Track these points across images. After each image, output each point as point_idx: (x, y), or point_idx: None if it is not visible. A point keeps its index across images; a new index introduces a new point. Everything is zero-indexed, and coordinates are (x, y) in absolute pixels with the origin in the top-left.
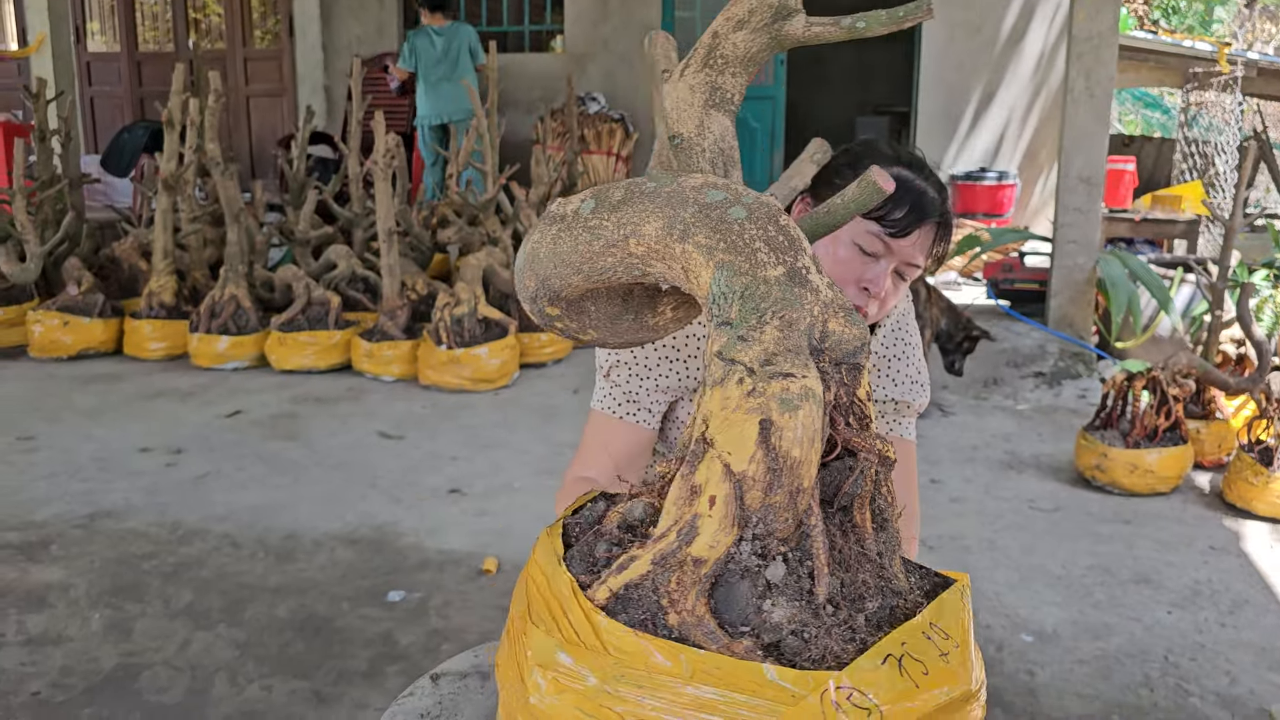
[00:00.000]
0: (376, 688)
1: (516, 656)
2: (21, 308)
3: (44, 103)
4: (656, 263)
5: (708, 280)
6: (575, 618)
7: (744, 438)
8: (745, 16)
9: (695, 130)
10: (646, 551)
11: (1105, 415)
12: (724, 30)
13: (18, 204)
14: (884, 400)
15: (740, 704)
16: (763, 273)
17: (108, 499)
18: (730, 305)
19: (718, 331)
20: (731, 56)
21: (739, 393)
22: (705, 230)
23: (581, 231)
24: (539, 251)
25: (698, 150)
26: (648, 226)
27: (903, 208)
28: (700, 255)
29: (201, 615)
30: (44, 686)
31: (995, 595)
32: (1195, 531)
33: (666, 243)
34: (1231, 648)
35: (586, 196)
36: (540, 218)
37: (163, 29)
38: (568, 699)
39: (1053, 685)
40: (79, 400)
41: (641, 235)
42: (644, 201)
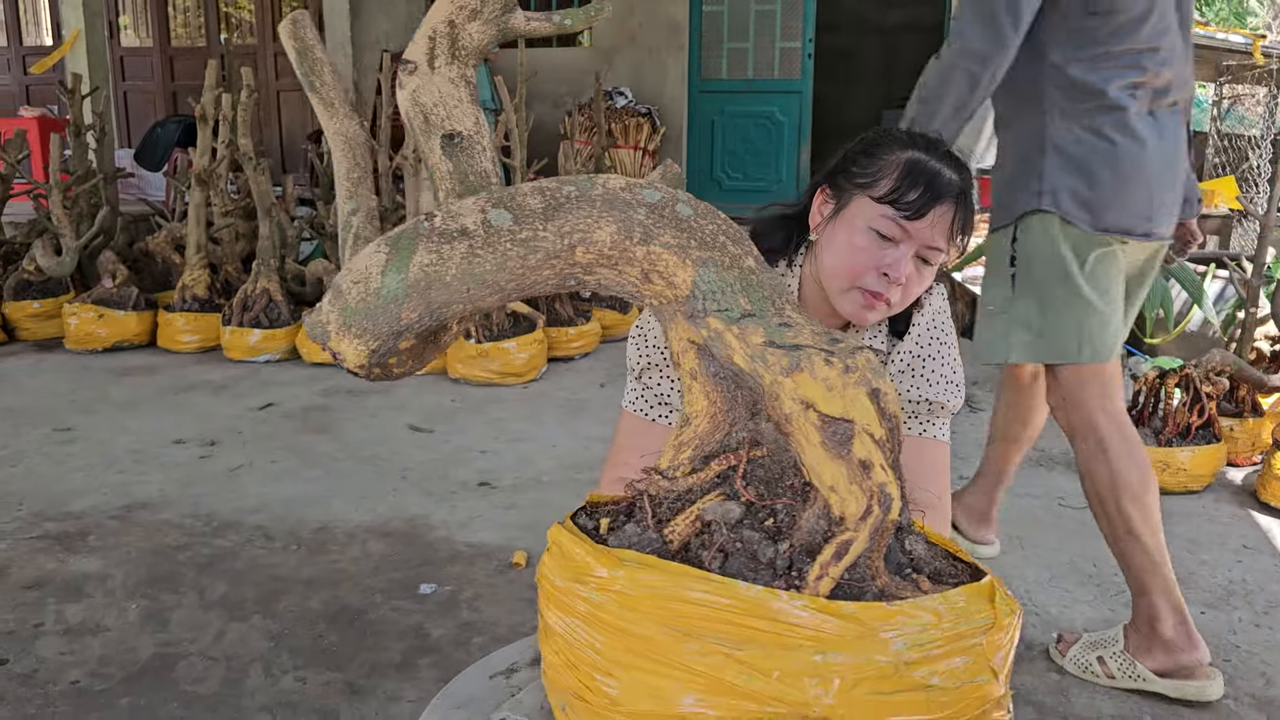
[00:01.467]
0: (409, 679)
1: None
2: (58, 300)
3: (79, 98)
4: (602, 269)
5: (687, 278)
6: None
7: (867, 409)
8: (479, 6)
9: (474, 126)
10: (860, 531)
11: (1137, 413)
12: (460, 20)
13: (54, 199)
14: (918, 400)
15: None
16: (743, 263)
17: (143, 490)
18: (735, 297)
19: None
20: (470, 48)
21: (834, 372)
22: (670, 230)
23: (510, 246)
24: (442, 275)
25: (479, 148)
26: (599, 233)
27: (916, 189)
28: (673, 255)
29: (236, 606)
30: (83, 675)
31: (1025, 593)
32: (1228, 530)
33: (625, 247)
34: (1267, 649)
35: (486, 207)
36: (408, 237)
37: (194, 24)
38: None
39: (1085, 684)
40: (114, 392)
41: (591, 242)
42: (583, 207)
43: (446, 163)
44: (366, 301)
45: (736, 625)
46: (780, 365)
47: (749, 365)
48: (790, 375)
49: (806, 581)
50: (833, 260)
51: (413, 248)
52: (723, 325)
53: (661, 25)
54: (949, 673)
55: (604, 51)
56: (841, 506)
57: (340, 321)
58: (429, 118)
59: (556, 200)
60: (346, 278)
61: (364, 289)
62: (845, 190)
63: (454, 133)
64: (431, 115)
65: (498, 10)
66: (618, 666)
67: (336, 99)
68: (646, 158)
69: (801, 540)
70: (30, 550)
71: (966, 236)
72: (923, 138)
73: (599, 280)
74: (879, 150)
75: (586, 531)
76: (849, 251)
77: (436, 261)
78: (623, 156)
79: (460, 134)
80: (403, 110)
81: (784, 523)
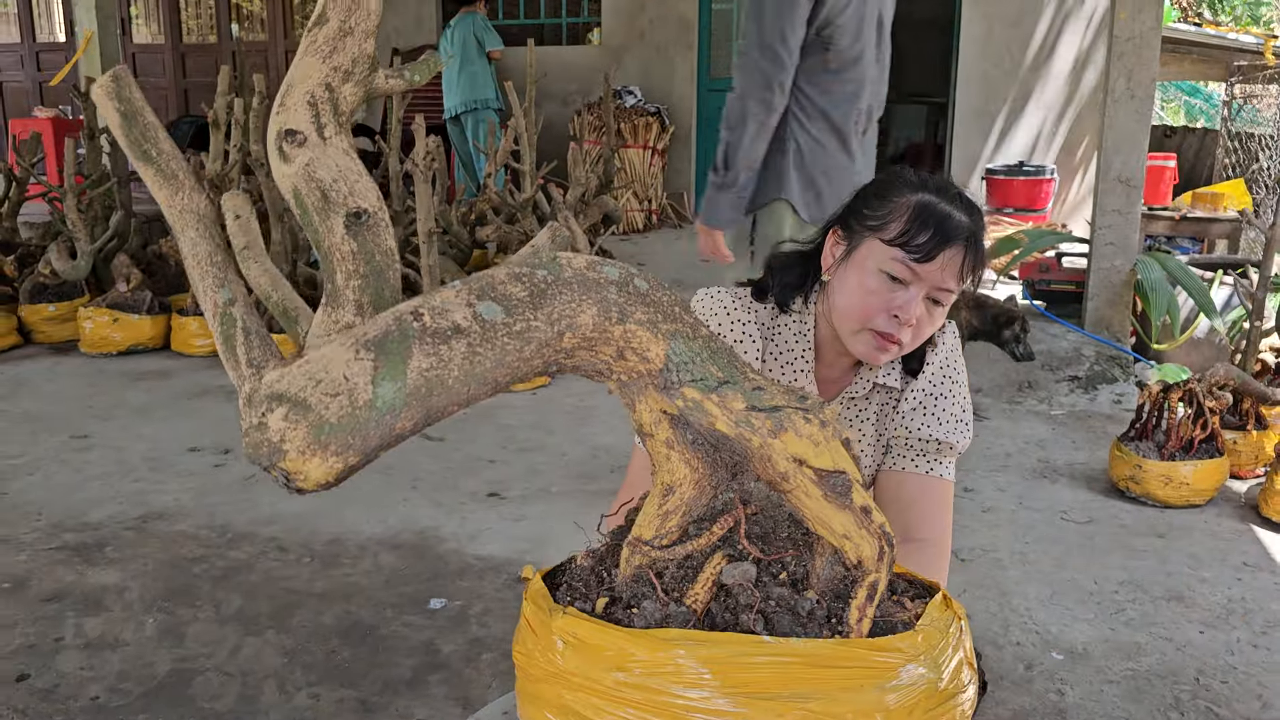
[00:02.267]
0: (420, 697)
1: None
2: (73, 303)
3: (93, 101)
4: (582, 351)
5: (660, 352)
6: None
7: (847, 458)
8: (350, 67)
9: (376, 201)
10: (881, 571)
11: (1140, 426)
12: (336, 83)
13: (69, 202)
14: (928, 439)
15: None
16: (700, 332)
17: (159, 500)
18: (706, 366)
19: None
20: (345, 114)
21: (815, 428)
22: (639, 306)
23: (506, 340)
24: (444, 379)
25: (382, 224)
26: (582, 316)
27: (925, 233)
28: (645, 331)
29: (251, 621)
30: (102, 691)
31: (1026, 611)
32: (1229, 546)
33: (605, 328)
34: (1264, 670)
35: (471, 300)
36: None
37: (205, 20)
38: None
39: (1083, 706)
40: (130, 397)
41: (577, 327)
42: (564, 291)
43: (350, 243)
44: (355, 415)
45: (803, 679)
46: (766, 428)
47: (734, 430)
48: (778, 436)
49: (849, 624)
50: (844, 301)
51: (406, 351)
52: (700, 394)
53: (671, 23)
54: (953, 677)
55: (613, 50)
56: (857, 552)
57: (309, 439)
58: (328, 194)
59: (538, 286)
60: (310, 389)
61: (348, 401)
62: (856, 232)
63: (360, 210)
64: (331, 192)
65: (365, 70)
66: None
67: (179, 170)
68: (656, 157)
69: (826, 588)
70: (50, 562)
71: (977, 277)
72: (934, 180)
73: (575, 363)
74: (890, 193)
75: (591, 615)
76: (860, 293)
77: (437, 365)
78: (632, 156)
79: (366, 211)
80: (289, 188)
81: (796, 574)
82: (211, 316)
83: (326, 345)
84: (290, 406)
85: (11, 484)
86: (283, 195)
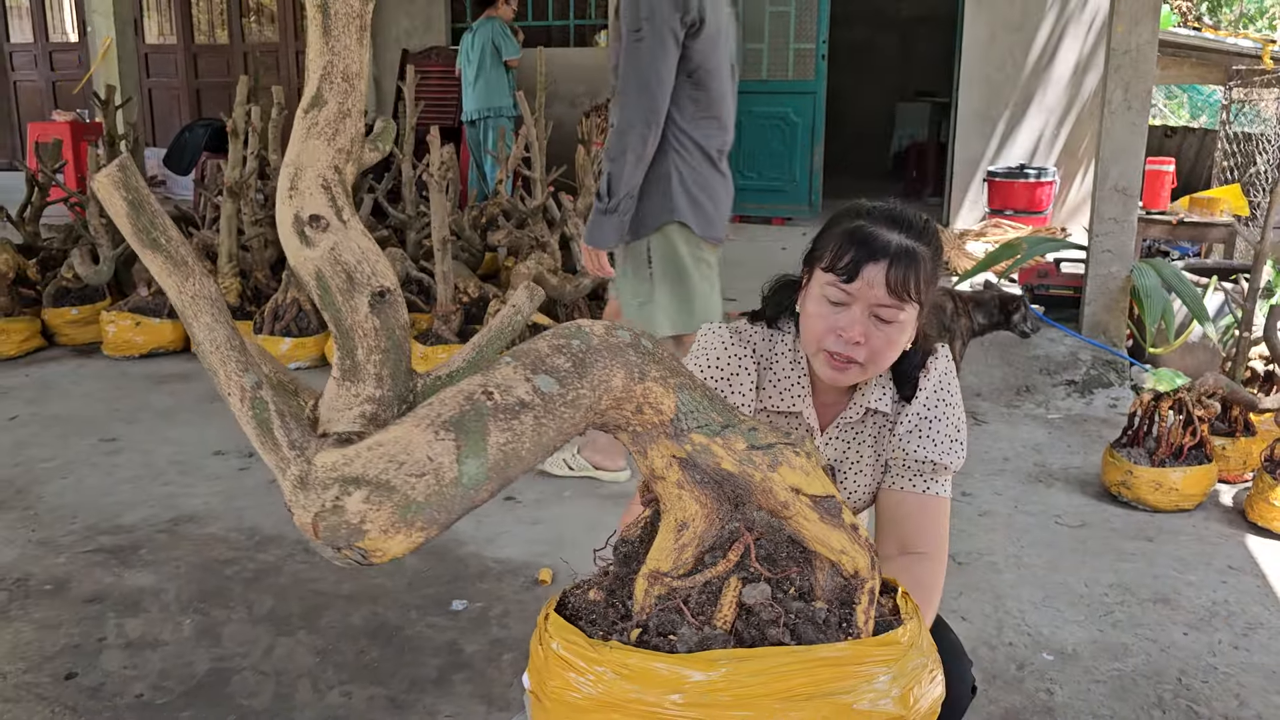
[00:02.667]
0: (446, 695)
1: None
2: (95, 306)
3: (113, 108)
4: (612, 410)
5: (672, 404)
6: None
7: (830, 484)
8: (350, 147)
9: (395, 280)
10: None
11: (1132, 433)
12: (341, 163)
13: (92, 209)
14: (922, 461)
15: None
16: (697, 381)
17: (188, 504)
18: (709, 413)
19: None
20: (350, 191)
21: (804, 460)
22: (653, 365)
23: (564, 409)
24: (518, 451)
25: (399, 300)
26: (615, 380)
27: (849, 253)
28: (660, 387)
29: (282, 621)
30: (146, 689)
31: (1020, 614)
32: (1215, 550)
33: (630, 388)
34: (1243, 670)
35: (529, 375)
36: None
37: (217, 21)
38: None
39: (1070, 705)
40: (154, 400)
41: (611, 389)
42: (599, 359)
43: (373, 320)
44: (442, 493)
45: (831, 679)
46: (765, 463)
47: (739, 468)
48: (775, 470)
49: (858, 626)
50: (804, 329)
51: (483, 429)
52: (706, 438)
53: None
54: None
55: None
56: (854, 564)
57: (394, 519)
58: (353, 276)
59: (577, 356)
60: (393, 471)
61: (435, 481)
62: (811, 266)
63: (383, 289)
64: (356, 273)
65: (359, 148)
66: None
67: (187, 256)
68: None
69: (831, 597)
70: (88, 564)
71: (915, 291)
72: (881, 208)
73: (604, 420)
74: (833, 225)
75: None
76: (811, 319)
77: (512, 439)
78: None
79: (389, 290)
80: (312, 270)
81: (802, 588)
82: (239, 401)
83: (396, 427)
84: (371, 489)
85: (46, 487)
86: (301, 276)
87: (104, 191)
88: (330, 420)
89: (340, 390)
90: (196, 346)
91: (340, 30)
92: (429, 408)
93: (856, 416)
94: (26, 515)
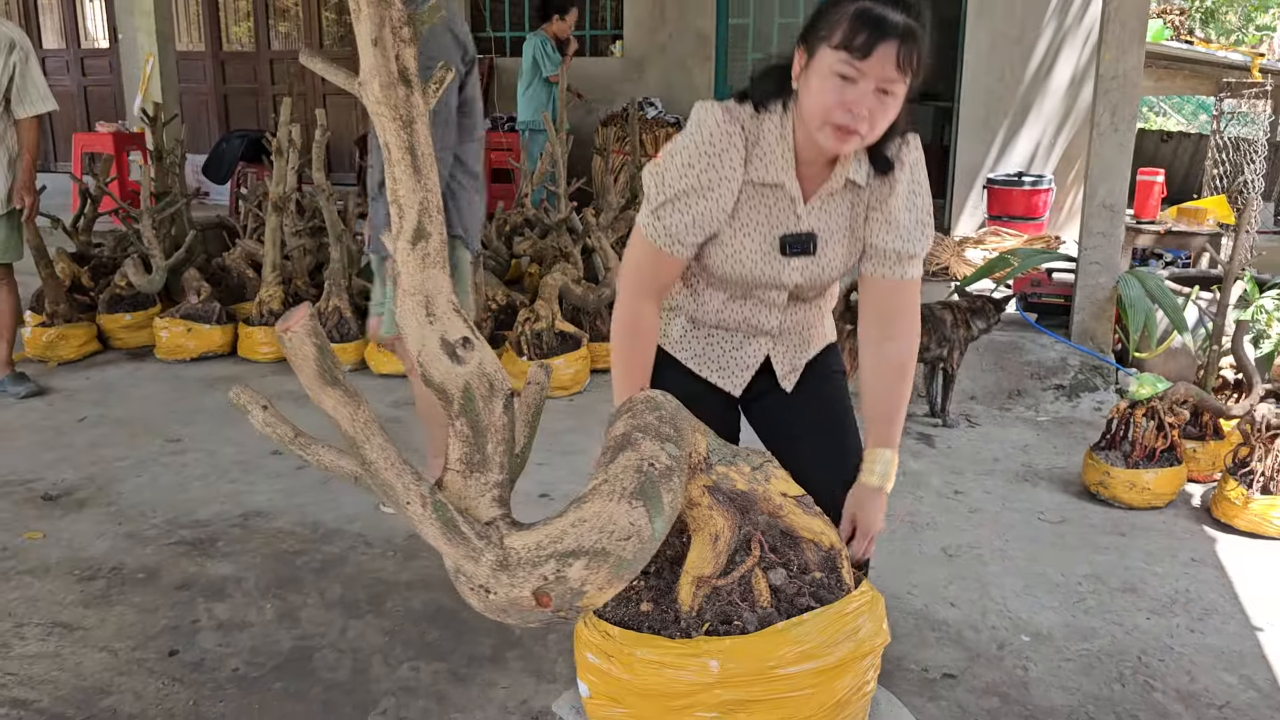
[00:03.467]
0: (501, 669)
1: None
2: (147, 313)
3: (160, 125)
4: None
5: (704, 446)
6: None
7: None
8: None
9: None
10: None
11: (1110, 437)
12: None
13: (145, 223)
14: (899, 251)
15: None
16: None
17: (254, 500)
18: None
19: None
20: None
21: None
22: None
23: (684, 467)
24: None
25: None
26: (692, 436)
27: (863, 33)
28: (700, 435)
29: (352, 606)
30: (240, 664)
31: (1002, 600)
32: (1181, 544)
33: (694, 440)
34: (1196, 651)
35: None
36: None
37: (244, 28)
38: None
39: (1043, 680)
40: (208, 403)
41: (696, 445)
42: (683, 424)
43: (504, 418)
44: (643, 548)
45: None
46: (762, 478)
47: (749, 487)
48: (769, 482)
49: (848, 584)
50: (808, 104)
51: (657, 493)
52: (725, 468)
53: (690, 37)
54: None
55: (635, 61)
56: (829, 539)
57: (610, 577)
58: (494, 384)
59: (674, 424)
60: (605, 540)
61: (638, 540)
62: (813, 45)
63: (512, 392)
64: (495, 381)
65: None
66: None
67: (356, 391)
68: None
69: (820, 566)
70: (174, 555)
71: (916, 65)
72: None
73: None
74: (837, 7)
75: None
76: (819, 95)
77: (673, 496)
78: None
79: (515, 393)
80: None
81: (801, 565)
82: (421, 508)
83: (589, 504)
84: (590, 557)
85: (124, 485)
86: (446, 391)
87: (296, 340)
88: (468, 508)
89: (470, 481)
90: (368, 466)
91: (428, 170)
92: (609, 485)
93: (838, 187)
94: (111, 511)
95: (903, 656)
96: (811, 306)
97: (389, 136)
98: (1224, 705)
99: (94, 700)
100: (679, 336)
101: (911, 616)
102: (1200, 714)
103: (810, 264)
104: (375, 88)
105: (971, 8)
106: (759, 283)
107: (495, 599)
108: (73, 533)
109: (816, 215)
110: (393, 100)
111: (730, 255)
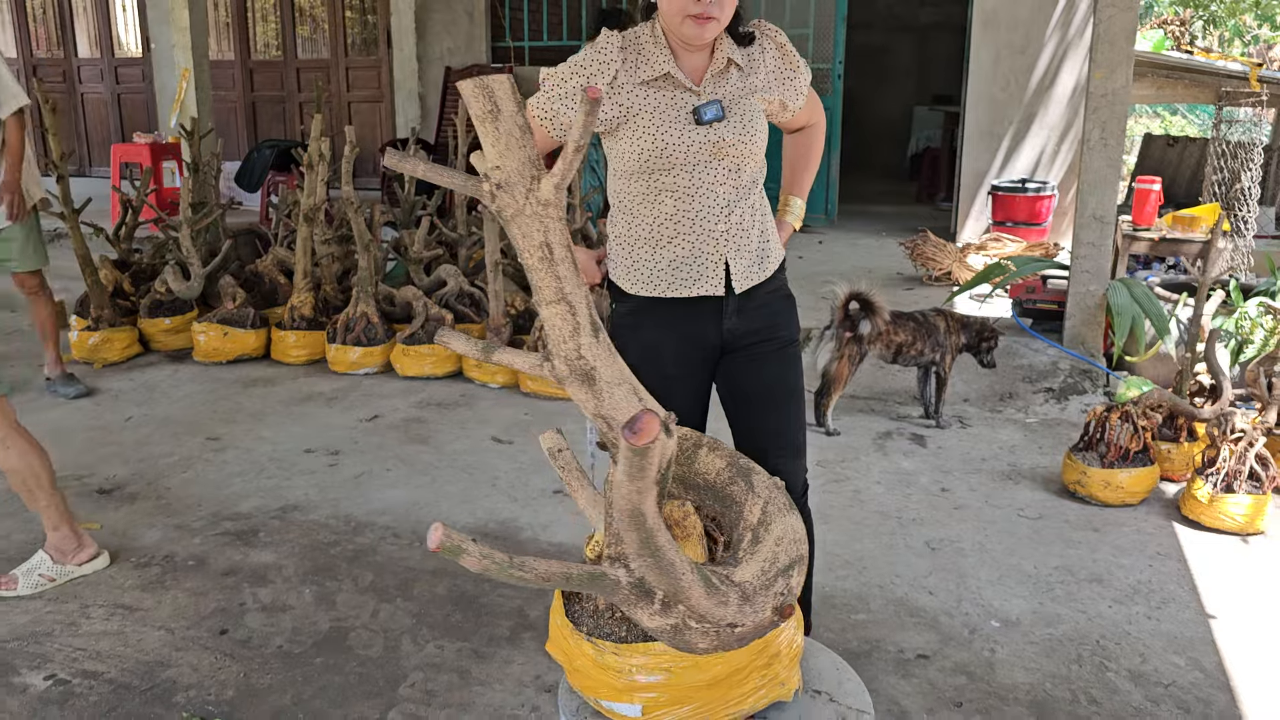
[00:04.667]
0: (517, 648)
1: None
2: (185, 317)
3: (198, 139)
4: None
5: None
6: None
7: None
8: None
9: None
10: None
11: (1087, 439)
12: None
13: (183, 233)
14: (799, 93)
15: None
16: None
17: (291, 494)
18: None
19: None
20: None
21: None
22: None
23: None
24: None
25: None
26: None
27: None
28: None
29: (382, 591)
30: (284, 642)
31: (977, 589)
32: (1149, 540)
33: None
34: (1150, 636)
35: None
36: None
37: (272, 37)
38: None
39: (1007, 660)
40: (245, 403)
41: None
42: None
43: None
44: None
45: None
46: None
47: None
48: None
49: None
50: (666, 8)
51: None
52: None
53: None
54: None
55: None
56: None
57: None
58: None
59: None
60: (799, 545)
61: (806, 539)
62: None
63: (604, 440)
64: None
65: None
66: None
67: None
68: None
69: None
70: (219, 544)
71: None
72: None
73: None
74: None
75: None
76: (668, 4)
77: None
78: None
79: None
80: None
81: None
82: (692, 574)
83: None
84: (796, 565)
85: (172, 480)
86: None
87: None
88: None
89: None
90: (658, 551)
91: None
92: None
93: (721, 66)
94: (160, 504)
95: (881, 639)
96: (756, 210)
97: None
98: (1170, 684)
99: (156, 672)
100: (634, 265)
101: (892, 604)
102: (1148, 692)
103: (727, 127)
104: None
105: (976, 19)
106: (688, 157)
107: (741, 630)
108: (127, 524)
109: (713, 89)
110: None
111: (650, 133)
